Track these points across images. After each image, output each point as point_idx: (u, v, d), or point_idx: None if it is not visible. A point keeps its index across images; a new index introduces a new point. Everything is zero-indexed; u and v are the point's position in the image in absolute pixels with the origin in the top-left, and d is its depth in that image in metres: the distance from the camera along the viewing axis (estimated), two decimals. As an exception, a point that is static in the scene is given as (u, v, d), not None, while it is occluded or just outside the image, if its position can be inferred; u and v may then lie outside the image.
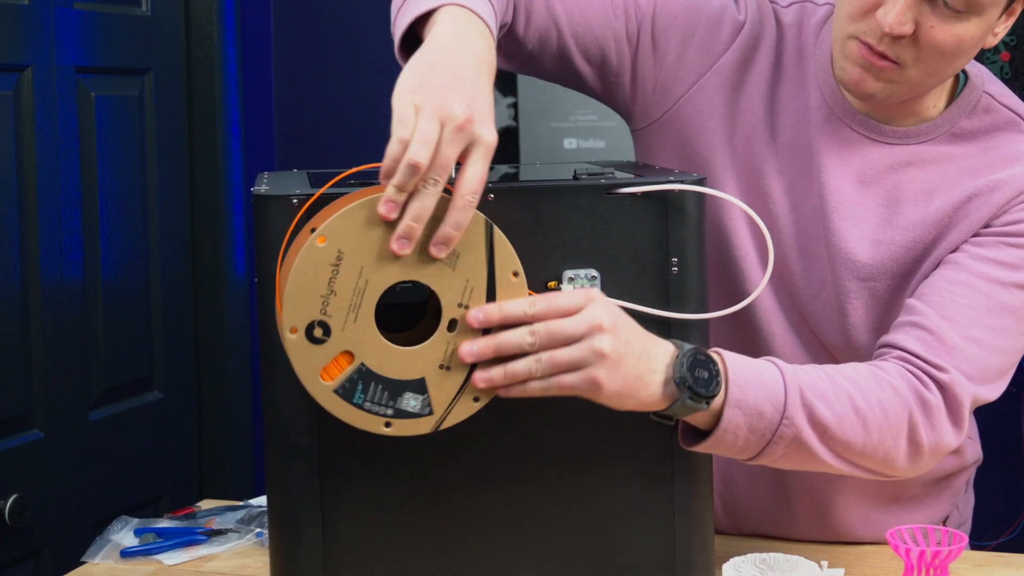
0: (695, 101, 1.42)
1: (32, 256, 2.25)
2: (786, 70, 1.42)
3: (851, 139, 1.38)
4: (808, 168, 1.39)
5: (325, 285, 1.07)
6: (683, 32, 1.42)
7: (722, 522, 1.51)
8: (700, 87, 1.42)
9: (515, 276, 1.10)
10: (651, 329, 1.18)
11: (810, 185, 1.38)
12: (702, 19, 1.43)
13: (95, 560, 1.49)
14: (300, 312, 1.07)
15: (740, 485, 1.49)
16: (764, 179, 1.40)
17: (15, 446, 2.23)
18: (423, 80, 1.10)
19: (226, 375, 2.77)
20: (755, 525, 1.51)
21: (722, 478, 1.48)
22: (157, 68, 2.59)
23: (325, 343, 1.08)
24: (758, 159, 1.40)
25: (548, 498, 1.20)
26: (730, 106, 1.41)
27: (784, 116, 1.40)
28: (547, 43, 1.41)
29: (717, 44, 1.42)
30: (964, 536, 1.25)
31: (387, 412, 1.10)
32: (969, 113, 1.38)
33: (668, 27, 1.42)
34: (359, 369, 1.09)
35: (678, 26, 1.42)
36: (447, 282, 1.09)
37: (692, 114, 1.42)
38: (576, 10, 1.41)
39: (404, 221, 1.07)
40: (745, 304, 1.26)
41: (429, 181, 1.07)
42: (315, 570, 1.18)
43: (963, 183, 1.35)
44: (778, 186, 1.40)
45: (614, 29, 1.42)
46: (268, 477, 1.19)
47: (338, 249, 1.07)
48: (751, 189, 1.40)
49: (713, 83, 1.42)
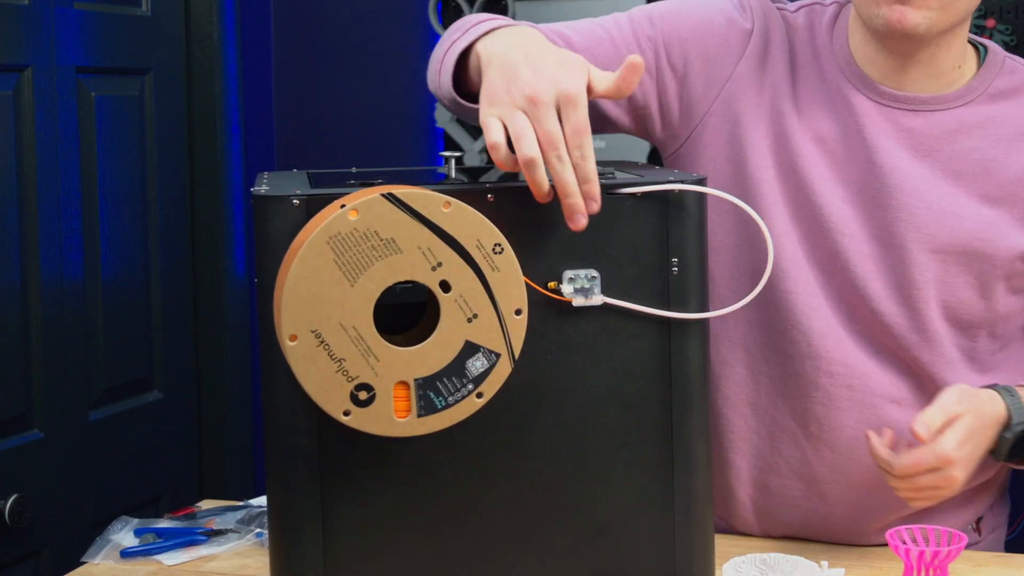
0: (720, 113, 1.45)
1: (32, 256, 2.25)
2: (803, 68, 1.45)
3: (892, 116, 1.41)
4: (853, 154, 1.42)
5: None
6: (696, 51, 1.45)
7: (752, 526, 1.51)
8: (722, 99, 1.45)
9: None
10: (651, 329, 1.18)
11: (860, 168, 1.41)
12: (711, 35, 1.46)
13: (95, 560, 1.49)
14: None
15: (775, 489, 1.48)
16: (804, 172, 1.42)
17: (15, 446, 2.23)
18: (492, 92, 1.15)
19: (226, 375, 2.77)
20: (786, 529, 1.50)
21: (753, 482, 1.49)
22: (157, 68, 2.59)
23: (374, 396, 1.09)
24: (794, 153, 1.43)
25: (548, 498, 1.20)
26: (755, 109, 1.44)
27: (812, 110, 1.43)
28: None
29: (730, 55, 1.45)
30: (964, 536, 1.25)
31: (469, 388, 1.11)
32: (998, 74, 1.43)
33: (681, 50, 1.45)
34: (419, 384, 1.10)
35: (690, 47, 1.45)
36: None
37: (719, 125, 1.45)
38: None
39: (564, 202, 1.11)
40: (746, 303, 1.26)
41: (552, 159, 1.10)
42: (315, 570, 1.18)
43: (1019, 147, 1.41)
44: (820, 174, 1.42)
45: None
46: (268, 477, 1.19)
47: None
48: (793, 184, 1.43)
49: (734, 92, 1.44)
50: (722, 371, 1.48)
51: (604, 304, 1.18)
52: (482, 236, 1.10)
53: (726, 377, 1.48)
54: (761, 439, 1.48)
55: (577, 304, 1.18)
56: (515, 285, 1.11)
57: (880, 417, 1.42)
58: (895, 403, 1.43)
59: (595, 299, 1.18)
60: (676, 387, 1.20)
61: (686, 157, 1.49)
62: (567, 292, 1.18)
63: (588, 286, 1.18)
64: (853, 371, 1.42)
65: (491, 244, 1.10)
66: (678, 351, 1.20)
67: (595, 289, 1.18)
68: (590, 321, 1.19)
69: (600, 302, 1.18)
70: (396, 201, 1.08)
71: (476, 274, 1.10)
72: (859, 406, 1.42)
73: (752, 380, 1.47)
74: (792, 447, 1.46)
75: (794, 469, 1.46)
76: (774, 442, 1.47)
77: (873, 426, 1.41)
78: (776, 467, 1.47)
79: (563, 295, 1.18)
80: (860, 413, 1.43)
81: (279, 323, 1.08)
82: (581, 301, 1.18)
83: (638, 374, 1.20)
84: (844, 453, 1.44)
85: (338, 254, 1.07)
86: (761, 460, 1.48)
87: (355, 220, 1.07)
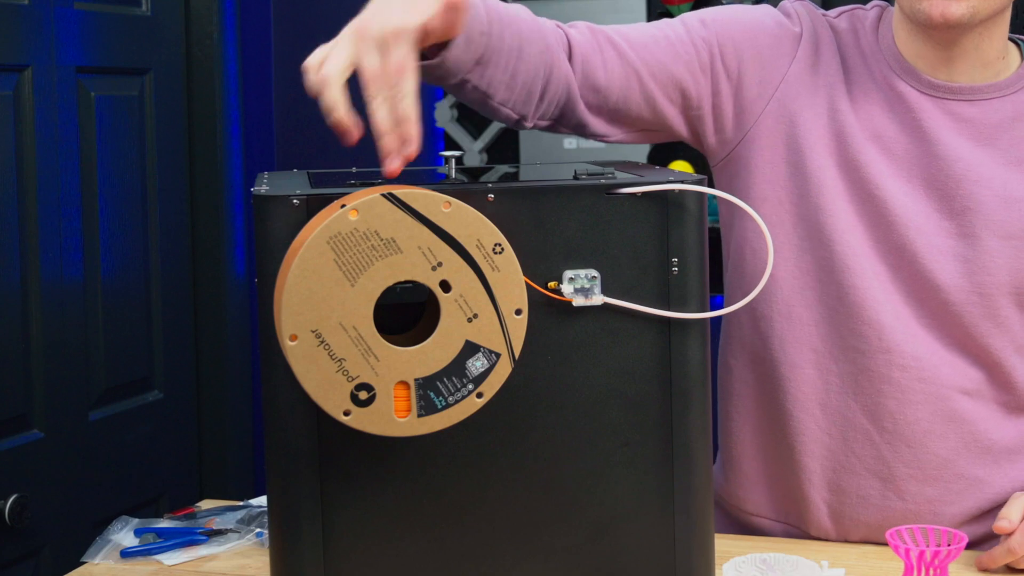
0: (775, 115, 1.47)
1: (32, 256, 2.25)
2: (853, 68, 1.47)
3: (948, 107, 1.43)
4: (914, 148, 1.43)
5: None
6: (749, 53, 1.47)
7: (827, 530, 1.51)
8: (777, 101, 1.47)
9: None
10: (651, 329, 1.18)
11: (923, 162, 1.43)
12: (763, 38, 1.48)
13: (95, 560, 1.49)
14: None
15: (850, 489, 1.48)
16: (866, 168, 1.44)
17: (15, 446, 2.24)
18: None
19: (226, 375, 2.77)
20: (864, 530, 1.50)
21: (827, 484, 1.49)
22: (157, 68, 2.59)
23: (374, 395, 1.09)
24: (855, 151, 1.44)
25: (548, 498, 1.20)
26: (811, 109, 1.46)
27: (868, 108, 1.45)
28: (630, 90, 1.45)
29: (782, 57, 1.47)
30: (964, 536, 1.25)
31: (469, 388, 1.11)
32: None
33: (735, 53, 1.47)
34: (419, 384, 1.10)
35: (743, 50, 1.47)
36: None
37: (775, 127, 1.47)
38: (647, 53, 1.45)
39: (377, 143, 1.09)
40: (746, 302, 1.26)
41: (367, 96, 1.10)
42: (315, 570, 1.18)
43: None
44: (882, 170, 1.43)
45: (687, 64, 1.46)
46: (268, 477, 1.19)
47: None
48: (856, 181, 1.44)
49: (788, 94, 1.46)
50: (790, 373, 1.48)
51: (604, 304, 1.18)
52: (482, 236, 1.10)
53: (794, 379, 1.48)
54: (833, 439, 1.48)
55: (577, 304, 1.18)
56: (515, 285, 1.11)
57: (952, 409, 1.44)
58: (966, 395, 1.44)
59: (595, 299, 1.18)
60: (676, 387, 1.20)
61: (739, 161, 1.49)
62: (567, 292, 1.18)
63: (588, 286, 1.18)
64: (925, 363, 1.43)
65: (491, 244, 1.10)
66: (678, 351, 1.20)
67: (595, 289, 1.18)
68: (590, 321, 1.19)
69: (600, 302, 1.18)
70: (396, 201, 1.08)
71: (476, 274, 1.10)
72: (932, 398, 1.44)
73: (821, 380, 1.47)
74: (866, 445, 1.46)
75: (869, 467, 1.47)
76: (847, 441, 1.47)
77: (946, 418, 1.43)
78: (850, 466, 1.47)
79: (563, 295, 1.18)
80: (933, 405, 1.44)
81: (279, 323, 1.08)
82: (581, 301, 1.18)
83: (638, 374, 1.20)
84: (919, 446, 1.45)
85: (338, 254, 1.07)
86: (834, 461, 1.48)
87: (355, 220, 1.07)
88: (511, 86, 1.34)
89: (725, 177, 1.53)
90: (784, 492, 1.53)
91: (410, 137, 1.09)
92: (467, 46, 1.26)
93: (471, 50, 1.27)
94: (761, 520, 1.56)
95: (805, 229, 1.46)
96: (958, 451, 1.45)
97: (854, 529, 1.50)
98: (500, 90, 1.33)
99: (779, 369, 1.49)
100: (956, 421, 1.44)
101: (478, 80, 1.30)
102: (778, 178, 1.46)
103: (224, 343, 2.75)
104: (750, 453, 1.55)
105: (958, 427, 1.44)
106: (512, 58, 1.32)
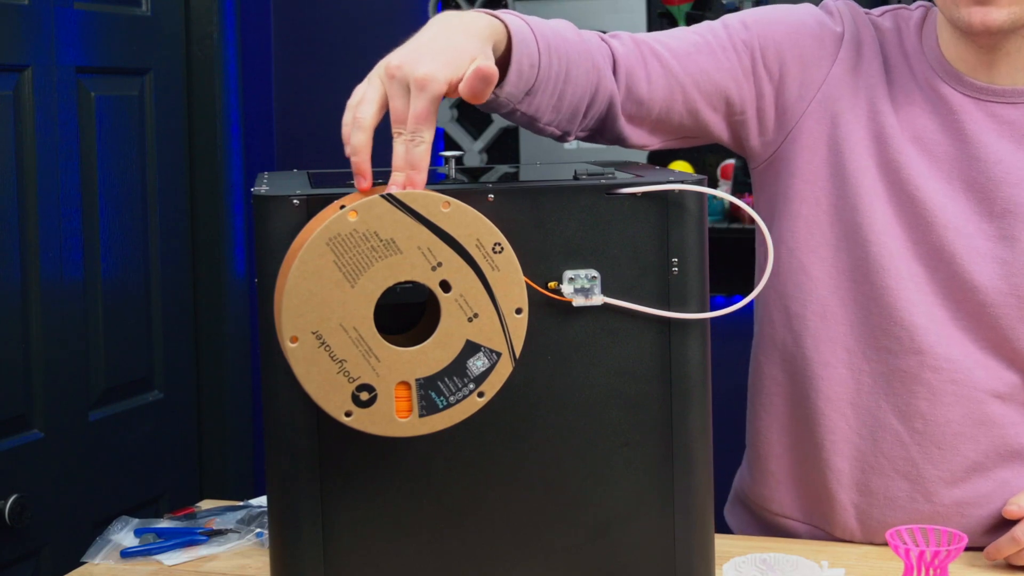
0: (817, 115, 1.47)
1: (32, 256, 2.25)
2: (895, 69, 1.47)
3: (990, 109, 1.43)
4: (954, 150, 1.43)
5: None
6: (791, 55, 1.47)
7: (853, 531, 1.50)
8: (819, 101, 1.46)
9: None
10: (651, 329, 1.18)
11: (963, 164, 1.42)
12: (805, 38, 1.48)
13: (95, 560, 1.49)
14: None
15: (877, 490, 1.48)
16: (906, 169, 1.43)
17: (15, 446, 2.24)
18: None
19: (226, 375, 2.77)
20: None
21: (855, 484, 1.48)
22: (157, 68, 2.59)
23: (375, 396, 1.09)
24: (895, 151, 1.44)
25: (548, 498, 1.20)
26: (852, 110, 1.45)
27: (909, 109, 1.45)
28: (673, 102, 1.45)
29: (824, 58, 1.47)
30: (964, 536, 1.25)
31: (470, 388, 1.11)
32: None
33: (777, 54, 1.47)
34: (420, 384, 1.10)
35: (785, 51, 1.47)
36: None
37: (816, 128, 1.47)
38: (691, 62, 1.45)
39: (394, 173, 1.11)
40: (746, 302, 1.26)
41: (393, 133, 1.12)
42: (315, 570, 1.18)
43: None
44: (921, 171, 1.43)
45: (731, 70, 1.46)
46: (268, 477, 1.19)
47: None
48: (895, 182, 1.44)
49: (830, 95, 1.46)
50: (822, 372, 1.48)
51: (604, 304, 1.18)
52: (482, 235, 1.10)
53: (826, 378, 1.48)
54: (863, 439, 1.47)
55: (577, 304, 1.18)
56: (515, 284, 1.11)
57: (984, 412, 1.43)
58: (999, 398, 1.44)
59: (595, 299, 1.18)
60: (676, 387, 1.20)
61: (781, 161, 1.49)
62: (567, 292, 1.18)
63: (588, 286, 1.18)
64: (958, 365, 1.43)
65: (491, 243, 1.10)
66: (678, 351, 1.20)
67: (595, 289, 1.18)
68: (590, 321, 1.19)
69: (600, 302, 1.18)
70: (395, 202, 1.08)
71: (476, 273, 1.10)
72: (964, 400, 1.43)
73: (853, 379, 1.47)
74: (896, 446, 1.46)
75: (898, 468, 1.46)
76: (876, 441, 1.47)
77: (977, 421, 1.43)
78: (879, 467, 1.47)
79: (563, 295, 1.18)
80: (965, 408, 1.43)
81: (280, 325, 1.08)
82: (581, 301, 1.18)
83: (638, 374, 1.20)
84: (949, 449, 1.44)
85: (338, 255, 1.07)
86: (863, 461, 1.48)
87: (354, 221, 1.07)
88: (558, 108, 1.36)
89: (768, 179, 1.52)
90: (811, 492, 1.52)
91: (415, 183, 1.11)
92: (518, 80, 1.29)
93: (522, 83, 1.29)
94: (786, 520, 1.56)
95: (842, 229, 1.45)
96: (988, 455, 1.44)
97: (880, 531, 1.48)
98: (547, 113, 1.35)
99: (811, 367, 1.48)
100: (987, 424, 1.44)
101: (526, 108, 1.32)
102: (817, 178, 1.47)
103: (224, 343, 2.75)
104: (777, 452, 1.55)
105: (988, 430, 1.44)
106: (560, 82, 1.34)
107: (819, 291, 1.47)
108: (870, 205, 1.44)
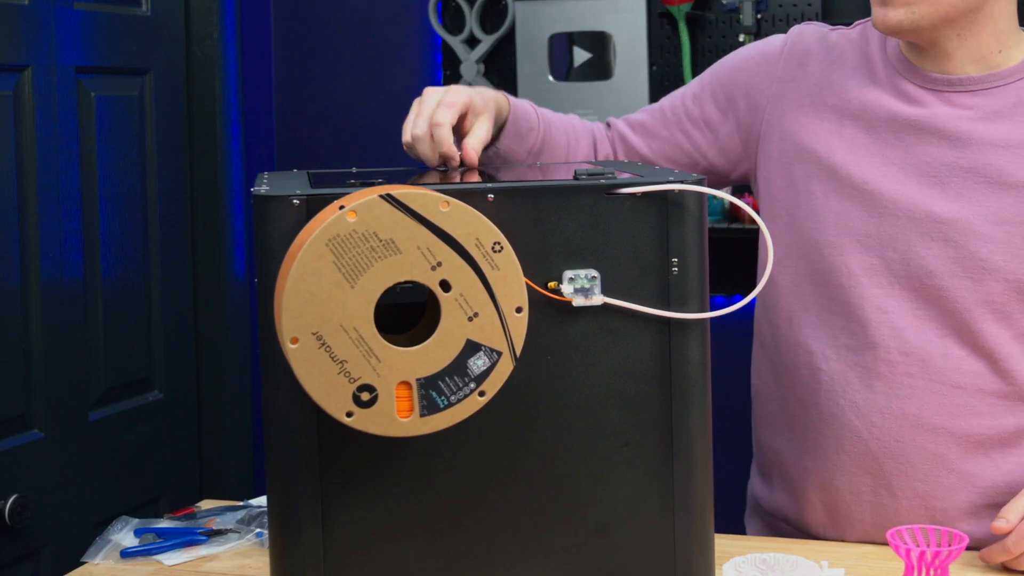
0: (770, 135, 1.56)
1: (32, 256, 2.25)
2: (856, 72, 1.52)
3: (950, 99, 1.46)
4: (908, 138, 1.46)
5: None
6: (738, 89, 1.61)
7: (825, 528, 1.53)
8: (767, 121, 1.57)
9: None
10: (651, 329, 1.18)
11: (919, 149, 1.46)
12: (747, 68, 1.62)
13: (95, 560, 1.49)
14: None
15: (841, 487, 1.50)
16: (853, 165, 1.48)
17: (15, 446, 2.24)
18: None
19: (226, 375, 2.77)
20: (860, 529, 1.50)
21: (821, 483, 1.51)
22: (157, 68, 2.59)
23: (376, 396, 1.09)
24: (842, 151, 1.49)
25: (548, 498, 1.20)
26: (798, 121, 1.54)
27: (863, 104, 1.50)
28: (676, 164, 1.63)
29: (764, 81, 1.58)
30: (964, 536, 1.25)
31: (471, 387, 1.11)
32: None
33: (725, 93, 1.63)
34: (421, 384, 1.10)
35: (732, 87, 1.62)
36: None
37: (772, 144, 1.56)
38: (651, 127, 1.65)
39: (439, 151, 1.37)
40: (746, 302, 1.26)
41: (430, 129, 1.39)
42: (315, 570, 1.18)
43: None
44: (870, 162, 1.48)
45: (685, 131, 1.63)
46: (268, 477, 1.19)
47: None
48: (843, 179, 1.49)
49: (774, 113, 1.56)
50: (792, 375, 1.54)
51: (604, 304, 1.18)
52: (481, 235, 1.10)
53: (790, 380, 1.54)
54: (824, 437, 1.50)
55: (577, 304, 1.18)
56: (515, 283, 1.11)
57: (944, 403, 1.44)
58: (960, 388, 1.44)
59: (595, 299, 1.18)
60: (676, 387, 1.20)
61: (759, 181, 1.59)
62: (567, 292, 1.18)
63: (588, 286, 1.18)
64: (913, 358, 1.45)
65: (490, 243, 1.10)
66: (678, 351, 1.20)
67: (595, 289, 1.18)
68: (590, 321, 1.19)
69: (600, 302, 1.18)
70: (394, 202, 1.08)
71: (476, 273, 1.10)
72: (920, 393, 1.45)
73: (812, 379, 1.51)
74: (855, 441, 1.48)
75: (860, 464, 1.48)
76: (836, 439, 1.49)
77: (936, 412, 1.44)
78: (841, 464, 1.49)
79: (563, 295, 1.18)
80: (922, 400, 1.45)
81: (280, 326, 1.08)
82: (581, 301, 1.18)
83: (638, 374, 1.20)
84: (907, 442, 1.46)
85: (337, 256, 1.07)
86: (826, 459, 1.50)
87: (354, 221, 1.07)
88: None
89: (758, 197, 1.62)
90: (789, 491, 1.56)
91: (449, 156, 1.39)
92: (517, 139, 1.54)
93: (522, 144, 1.54)
94: (781, 524, 1.59)
95: (799, 236, 1.51)
96: (948, 446, 1.45)
97: (849, 528, 1.50)
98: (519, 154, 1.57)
99: (786, 372, 1.54)
100: (947, 415, 1.44)
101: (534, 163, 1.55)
102: (775, 193, 1.54)
103: (224, 343, 2.75)
104: (762, 452, 1.61)
105: (948, 421, 1.45)
106: (562, 149, 1.59)
107: (785, 298, 1.53)
108: (821, 208, 1.49)
